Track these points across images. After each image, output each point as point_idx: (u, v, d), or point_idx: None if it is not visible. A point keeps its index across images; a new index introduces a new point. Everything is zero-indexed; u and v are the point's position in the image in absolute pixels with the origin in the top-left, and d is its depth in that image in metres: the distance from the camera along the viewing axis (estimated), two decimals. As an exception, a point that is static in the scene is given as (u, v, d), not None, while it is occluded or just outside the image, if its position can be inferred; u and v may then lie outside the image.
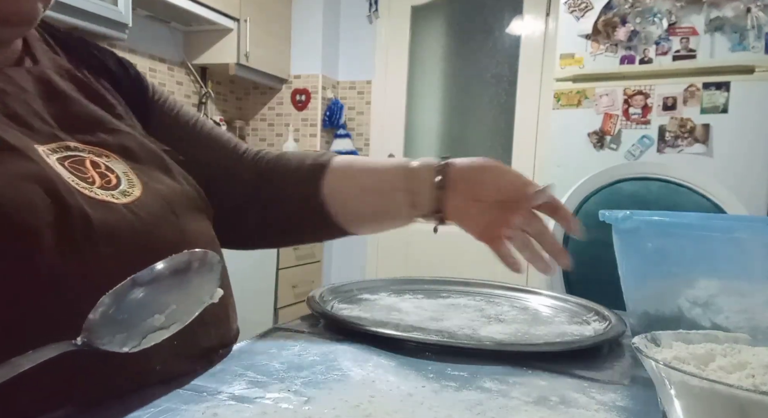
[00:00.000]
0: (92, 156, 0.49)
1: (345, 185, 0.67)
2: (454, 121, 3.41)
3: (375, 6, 3.42)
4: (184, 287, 0.38)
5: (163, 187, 0.51)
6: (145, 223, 0.46)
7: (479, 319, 0.68)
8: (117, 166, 0.50)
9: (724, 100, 2.14)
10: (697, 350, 0.35)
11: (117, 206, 0.45)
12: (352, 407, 0.40)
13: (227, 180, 0.68)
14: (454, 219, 0.65)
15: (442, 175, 0.64)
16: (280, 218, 0.69)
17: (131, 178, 0.50)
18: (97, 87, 0.56)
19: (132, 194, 0.47)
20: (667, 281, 0.51)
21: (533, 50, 3.14)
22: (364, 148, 3.54)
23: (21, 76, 0.49)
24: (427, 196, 0.64)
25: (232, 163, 0.69)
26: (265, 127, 3.55)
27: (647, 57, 2.24)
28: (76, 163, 0.46)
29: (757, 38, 2.08)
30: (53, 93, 0.51)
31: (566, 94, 2.38)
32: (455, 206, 0.64)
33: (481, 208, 0.63)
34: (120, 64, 0.62)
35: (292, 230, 0.71)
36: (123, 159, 0.51)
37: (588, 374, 0.51)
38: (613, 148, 2.31)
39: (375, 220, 0.69)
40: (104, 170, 0.48)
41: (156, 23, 2.87)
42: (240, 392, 0.43)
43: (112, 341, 0.34)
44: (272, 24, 3.19)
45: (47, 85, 0.51)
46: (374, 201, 0.67)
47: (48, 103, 0.49)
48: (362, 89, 3.55)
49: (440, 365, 0.51)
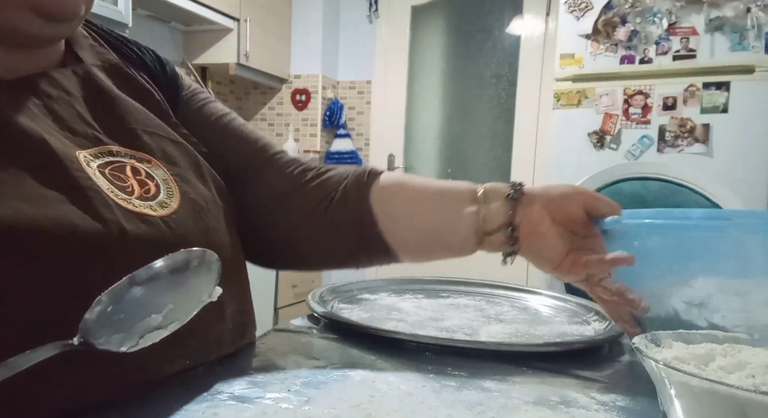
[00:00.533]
0: (134, 161, 0.49)
1: (397, 197, 0.60)
2: (454, 121, 3.41)
3: (375, 6, 3.42)
4: (182, 286, 0.38)
5: (199, 197, 0.52)
6: (177, 236, 0.46)
7: (479, 319, 0.68)
8: (157, 173, 0.50)
9: (724, 100, 2.14)
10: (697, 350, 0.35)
11: (154, 219, 0.45)
12: (352, 407, 0.40)
13: (249, 180, 0.62)
14: (530, 239, 0.56)
15: (515, 189, 0.57)
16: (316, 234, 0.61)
17: (170, 186, 0.50)
18: (142, 82, 0.56)
19: (169, 206, 0.48)
20: (660, 283, 0.51)
21: (533, 50, 3.14)
22: (364, 148, 3.54)
23: (66, 78, 0.49)
24: (497, 208, 0.56)
25: (256, 162, 0.63)
26: (266, 127, 3.56)
27: (647, 57, 2.24)
28: (117, 171, 0.47)
29: (757, 38, 2.08)
30: (98, 94, 0.51)
31: (566, 94, 2.38)
32: (531, 221, 0.55)
33: (559, 232, 0.56)
34: (159, 61, 0.62)
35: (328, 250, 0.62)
36: (164, 164, 0.51)
37: (588, 374, 0.51)
38: (613, 148, 2.31)
39: (432, 240, 0.60)
40: (144, 177, 0.48)
41: (156, 23, 2.87)
42: (240, 392, 0.43)
43: (109, 341, 0.34)
44: (272, 24, 3.19)
45: (92, 85, 0.51)
46: (432, 216, 0.59)
47: (93, 106, 0.50)
48: (362, 89, 3.55)
49: (440, 365, 0.51)
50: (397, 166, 3.49)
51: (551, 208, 0.55)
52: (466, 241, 0.58)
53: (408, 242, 0.60)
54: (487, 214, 0.57)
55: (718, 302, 0.46)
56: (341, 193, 0.60)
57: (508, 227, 0.56)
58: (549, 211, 0.55)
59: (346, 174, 0.62)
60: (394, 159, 3.50)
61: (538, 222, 0.55)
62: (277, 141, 3.49)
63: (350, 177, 0.61)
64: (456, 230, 0.58)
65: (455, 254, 0.60)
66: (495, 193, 0.57)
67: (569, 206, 0.55)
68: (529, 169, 3.17)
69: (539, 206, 0.56)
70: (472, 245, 0.58)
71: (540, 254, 0.56)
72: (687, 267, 0.49)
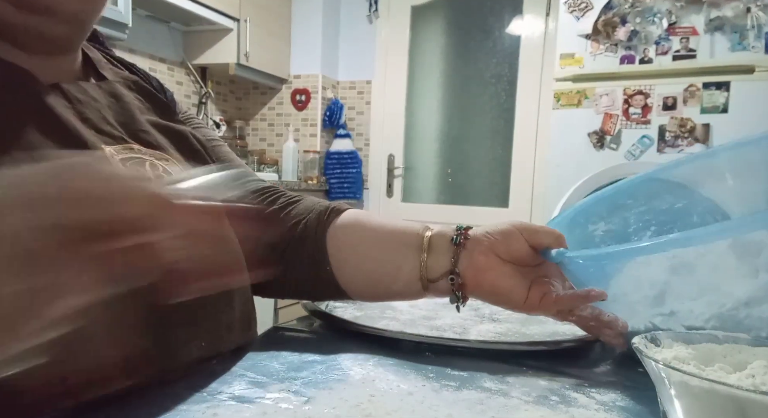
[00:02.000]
0: (153, 159, 0.53)
1: (350, 238, 0.61)
2: (454, 121, 3.41)
3: (375, 6, 3.42)
4: None
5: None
6: None
7: (472, 318, 0.68)
8: (173, 170, 0.53)
9: (724, 100, 2.14)
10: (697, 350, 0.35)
11: None
12: (352, 407, 0.40)
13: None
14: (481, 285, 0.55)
15: (459, 234, 0.56)
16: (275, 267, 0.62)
17: None
18: (159, 96, 0.62)
19: None
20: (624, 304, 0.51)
21: (533, 50, 3.14)
22: (364, 148, 3.54)
23: (92, 88, 0.54)
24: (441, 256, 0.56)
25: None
26: (265, 127, 3.56)
27: (647, 57, 2.24)
28: (137, 165, 0.50)
29: (757, 38, 2.08)
30: (121, 104, 0.55)
31: (566, 94, 2.39)
32: (476, 267, 0.54)
33: (511, 271, 0.54)
34: (160, 85, 0.66)
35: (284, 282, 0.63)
36: (180, 163, 0.55)
37: (588, 373, 0.51)
38: (613, 148, 2.31)
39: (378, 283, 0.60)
40: (161, 172, 0.52)
41: (156, 23, 2.87)
42: (240, 392, 0.43)
43: None
44: (272, 24, 3.19)
45: (115, 96, 0.55)
46: (378, 261, 0.59)
47: (116, 113, 0.54)
48: (362, 89, 3.55)
49: (440, 364, 0.51)
50: (397, 166, 3.50)
51: (497, 249, 0.54)
52: (412, 287, 0.57)
53: (356, 284, 0.61)
54: (430, 262, 0.56)
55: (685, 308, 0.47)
56: (302, 228, 0.62)
57: (449, 276, 0.55)
58: (495, 253, 0.54)
59: (311, 208, 0.64)
60: (394, 159, 3.51)
61: (485, 267, 0.54)
62: (277, 141, 3.49)
63: (312, 214, 0.63)
64: (399, 277, 0.57)
65: (402, 298, 0.61)
66: (441, 238, 0.57)
67: (513, 244, 0.54)
68: (529, 170, 3.17)
69: (485, 250, 0.55)
70: (418, 291, 0.57)
71: (498, 297, 0.55)
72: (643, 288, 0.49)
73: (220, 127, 3.25)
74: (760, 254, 0.43)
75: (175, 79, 3.05)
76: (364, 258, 0.60)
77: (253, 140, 3.56)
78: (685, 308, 0.46)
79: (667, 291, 0.46)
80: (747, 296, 0.44)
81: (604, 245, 0.69)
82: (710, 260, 0.45)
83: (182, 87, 3.10)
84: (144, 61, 2.82)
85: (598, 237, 0.70)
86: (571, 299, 0.52)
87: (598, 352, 0.58)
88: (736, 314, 0.44)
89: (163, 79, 2.94)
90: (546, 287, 0.54)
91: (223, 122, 3.29)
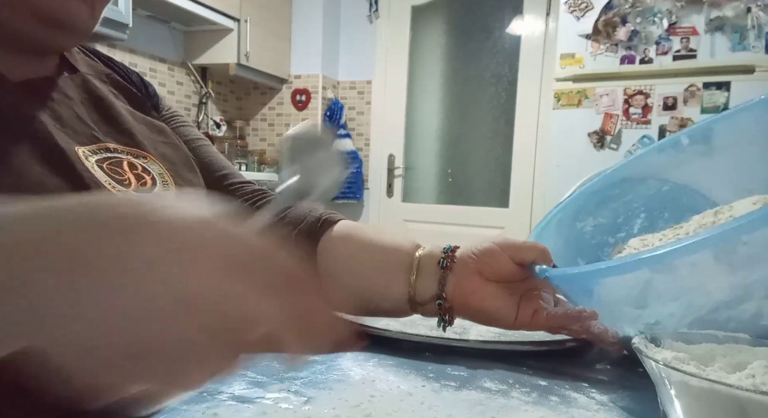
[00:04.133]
0: (130, 157, 0.52)
1: (341, 252, 0.60)
2: (454, 121, 3.41)
3: (375, 6, 3.42)
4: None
5: (192, 190, 0.55)
6: None
7: None
8: (153, 168, 0.53)
9: (725, 100, 2.14)
10: (697, 350, 0.35)
11: None
12: (352, 407, 0.40)
13: None
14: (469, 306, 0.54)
15: (446, 255, 0.56)
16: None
17: (166, 179, 0.53)
18: (134, 90, 0.60)
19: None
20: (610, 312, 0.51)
21: (533, 50, 3.14)
22: (364, 148, 3.54)
23: (66, 84, 0.52)
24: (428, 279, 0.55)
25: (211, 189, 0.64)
26: (265, 127, 3.56)
27: (647, 57, 2.24)
28: (114, 165, 0.50)
29: (757, 38, 2.08)
30: (95, 99, 0.54)
31: (566, 94, 2.39)
32: (463, 290, 0.54)
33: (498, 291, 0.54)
34: (142, 81, 0.65)
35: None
36: (159, 160, 0.54)
37: (588, 374, 0.51)
38: (614, 148, 2.31)
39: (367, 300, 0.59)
40: (141, 171, 0.51)
41: (156, 23, 2.87)
42: (240, 392, 0.43)
43: None
44: (272, 24, 3.19)
45: (89, 91, 0.54)
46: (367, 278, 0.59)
47: (90, 109, 0.53)
48: (362, 89, 3.55)
49: (440, 364, 0.51)
50: (397, 166, 3.50)
51: (483, 270, 0.54)
52: (400, 307, 0.57)
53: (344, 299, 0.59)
54: (419, 284, 0.55)
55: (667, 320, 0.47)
56: (293, 239, 0.61)
57: (437, 300, 0.54)
58: (481, 274, 0.54)
59: (303, 217, 0.63)
60: (394, 159, 3.51)
61: (471, 290, 0.54)
62: (277, 141, 3.49)
63: (304, 224, 0.62)
64: (388, 297, 0.57)
65: (390, 315, 0.60)
66: (430, 260, 0.56)
67: (497, 264, 0.54)
68: (530, 169, 3.17)
69: (471, 272, 0.54)
70: (406, 311, 0.57)
71: (487, 318, 0.55)
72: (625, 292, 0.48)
73: (220, 127, 3.26)
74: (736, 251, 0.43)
75: (176, 80, 3.05)
76: (354, 276, 0.59)
77: (253, 140, 3.56)
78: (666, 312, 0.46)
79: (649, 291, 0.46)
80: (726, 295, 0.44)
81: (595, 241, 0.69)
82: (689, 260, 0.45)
83: (182, 87, 3.10)
84: (144, 61, 2.82)
85: (588, 233, 0.70)
86: (563, 319, 0.52)
87: (598, 352, 0.58)
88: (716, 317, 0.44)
89: (164, 79, 2.95)
90: (536, 302, 0.54)
91: (223, 122, 3.29)
